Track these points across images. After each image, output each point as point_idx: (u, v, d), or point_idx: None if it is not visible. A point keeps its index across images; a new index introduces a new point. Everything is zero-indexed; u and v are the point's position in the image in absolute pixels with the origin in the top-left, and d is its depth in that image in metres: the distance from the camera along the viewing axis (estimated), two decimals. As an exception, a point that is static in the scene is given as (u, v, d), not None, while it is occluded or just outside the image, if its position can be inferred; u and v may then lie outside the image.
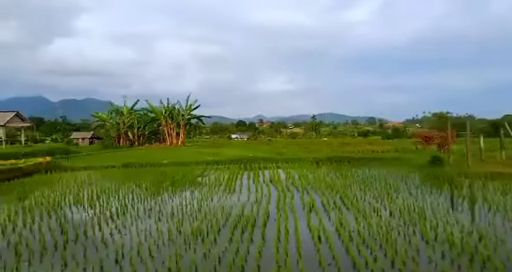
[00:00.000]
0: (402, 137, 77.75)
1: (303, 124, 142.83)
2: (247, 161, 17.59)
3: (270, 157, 19.36)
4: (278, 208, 7.88)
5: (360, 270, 4.37)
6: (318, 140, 60.75)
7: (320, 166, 16.41)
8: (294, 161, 17.70)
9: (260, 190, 10.42)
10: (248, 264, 4.72)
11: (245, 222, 6.74)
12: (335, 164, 16.86)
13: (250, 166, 16.68)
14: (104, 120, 43.92)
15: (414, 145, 32.65)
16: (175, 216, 7.67)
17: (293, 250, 5.11)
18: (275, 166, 16.60)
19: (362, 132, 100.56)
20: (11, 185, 12.82)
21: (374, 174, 13.05)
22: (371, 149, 29.26)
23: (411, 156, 17.67)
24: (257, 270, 4.53)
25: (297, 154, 22.55)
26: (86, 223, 7.31)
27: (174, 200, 9.52)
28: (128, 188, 11.49)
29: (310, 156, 18.67)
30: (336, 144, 38.61)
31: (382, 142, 46.50)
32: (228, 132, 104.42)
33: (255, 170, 15.44)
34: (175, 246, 5.64)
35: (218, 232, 6.34)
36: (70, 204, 9.27)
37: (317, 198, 8.74)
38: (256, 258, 4.82)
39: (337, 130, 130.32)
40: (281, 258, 4.80)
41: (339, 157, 17.80)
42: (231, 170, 15.61)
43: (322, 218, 6.83)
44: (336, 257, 4.79)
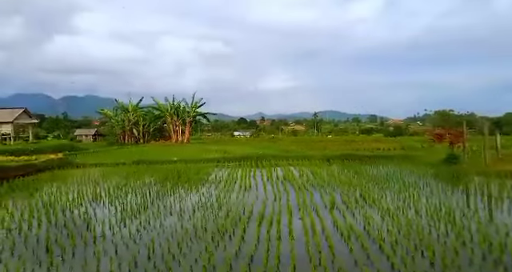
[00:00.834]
0: (405, 134, 77.65)
1: (304, 121, 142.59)
2: (257, 158, 17.64)
3: (279, 154, 19.40)
4: (299, 206, 7.91)
5: (401, 271, 4.33)
6: (322, 137, 60.73)
7: (331, 163, 16.42)
8: (304, 158, 17.72)
9: (276, 187, 10.45)
10: (282, 263, 4.69)
11: (269, 219, 6.77)
12: (346, 162, 16.82)
13: (260, 163, 16.71)
14: (109, 117, 44.07)
15: (420, 143, 32.68)
16: (197, 213, 7.71)
17: (325, 249, 5.11)
18: (286, 163, 16.60)
19: (366, 129, 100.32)
20: (28, 181, 12.87)
21: (389, 172, 13.03)
22: (377, 146, 29.25)
23: (423, 154, 17.66)
24: (293, 270, 4.48)
25: (304, 151, 22.58)
26: (110, 220, 7.39)
27: (191, 197, 9.57)
28: (143, 185, 11.56)
29: (320, 154, 18.68)
30: (341, 142, 38.59)
31: (387, 139, 46.41)
32: (229, 129, 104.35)
33: (267, 167, 15.46)
34: (204, 243, 5.66)
35: (244, 229, 6.37)
36: (90, 200, 9.34)
37: (337, 196, 8.76)
38: (291, 257, 4.79)
39: (338, 127, 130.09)
40: (314, 256, 4.79)
41: (349, 155, 17.81)
42: (242, 167, 15.65)
43: (347, 217, 6.84)
44: (371, 257, 4.77)
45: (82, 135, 56.01)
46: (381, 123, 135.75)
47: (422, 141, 36.39)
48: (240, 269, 4.56)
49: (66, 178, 13.66)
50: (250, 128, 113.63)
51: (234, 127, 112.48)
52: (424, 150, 21.36)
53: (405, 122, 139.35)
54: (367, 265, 4.54)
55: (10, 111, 34.43)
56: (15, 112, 34.41)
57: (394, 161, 16.20)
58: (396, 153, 20.02)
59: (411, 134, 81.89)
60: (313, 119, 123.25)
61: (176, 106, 41.23)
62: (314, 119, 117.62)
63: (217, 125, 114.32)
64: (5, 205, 8.93)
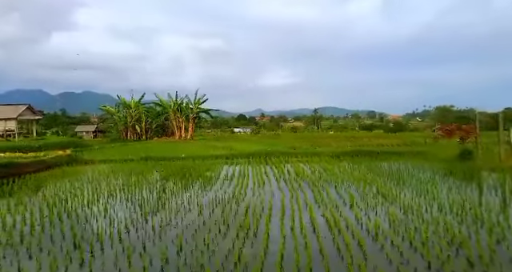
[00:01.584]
0: (405, 130, 77.77)
1: (304, 118, 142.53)
2: (265, 155, 17.65)
3: (287, 151, 19.41)
4: (318, 203, 7.92)
5: (439, 271, 4.30)
6: (324, 134, 60.77)
7: (341, 160, 16.44)
8: (312, 155, 17.75)
9: (291, 184, 10.45)
10: (314, 261, 4.62)
11: (291, 216, 6.76)
12: (356, 158, 16.73)
13: (269, 159, 16.70)
14: (111, 113, 43.88)
15: (421, 138, 32.76)
16: (216, 209, 7.73)
17: (355, 247, 5.07)
18: (295, 160, 16.57)
19: (367, 125, 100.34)
20: (40, 177, 12.81)
21: (402, 169, 12.99)
22: (380, 142, 29.33)
23: (433, 150, 17.63)
24: (327, 269, 4.46)
25: (310, 148, 22.61)
26: (131, 216, 7.41)
27: (207, 193, 9.59)
28: (156, 181, 11.57)
29: (328, 150, 18.71)
30: (343, 138, 38.66)
31: (388, 135, 46.57)
32: (229, 126, 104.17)
33: (276, 164, 15.45)
34: (230, 240, 5.67)
35: (267, 226, 6.32)
36: (106, 197, 9.33)
37: (354, 193, 8.76)
38: (323, 255, 4.79)
39: (337, 123, 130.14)
40: (345, 255, 4.78)
41: (358, 151, 17.86)
42: (252, 164, 15.66)
43: (370, 214, 6.84)
44: (404, 255, 4.73)
45: (83, 132, 55.79)
46: (380, 119, 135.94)
47: (423, 136, 36.60)
48: (273, 266, 4.54)
49: (78, 174, 13.63)
50: (250, 124, 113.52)
51: (234, 124, 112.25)
52: (431, 146, 21.38)
53: (404, 118, 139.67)
54: (403, 263, 4.49)
55: (13, 107, 34.14)
56: (19, 108, 34.14)
57: (403, 157, 16.21)
58: (404, 149, 20.00)
59: (411, 129, 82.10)
60: (312, 115, 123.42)
61: (179, 102, 41.10)
62: (314, 115, 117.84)
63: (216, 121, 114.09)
64: (22, 201, 8.93)
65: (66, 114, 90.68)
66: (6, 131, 32.17)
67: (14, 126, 32.71)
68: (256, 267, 4.53)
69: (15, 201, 8.99)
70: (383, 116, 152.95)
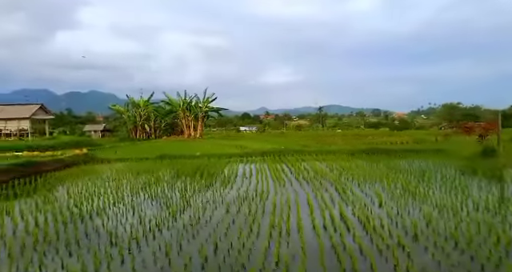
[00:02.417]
0: (411, 128, 77.12)
1: (308, 116, 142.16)
2: (279, 153, 17.59)
3: (300, 149, 19.34)
4: (345, 201, 7.87)
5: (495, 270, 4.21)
6: (331, 132, 60.47)
7: (356, 157, 16.32)
8: (327, 153, 17.66)
9: (312, 182, 10.39)
10: (359, 260, 4.58)
11: (322, 215, 6.71)
12: (371, 156, 16.55)
13: (284, 158, 16.62)
14: (121, 112, 44.20)
15: (429, 136, 32.47)
16: (243, 207, 7.66)
17: (397, 248, 4.93)
18: (310, 158, 16.48)
19: (373, 124, 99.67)
20: (61, 176, 12.87)
21: (423, 167, 12.83)
22: (389, 140, 29.15)
23: (452, 147, 17.38)
24: (373, 269, 4.39)
25: (322, 146, 22.53)
26: (159, 214, 7.43)
27: (229, 191, 9.57)
28: (176, 179, 11.58)
29: (342, 148, 18.60)
30: (351, 136, 38.45)
31: (396, 133, 46.22)
32: (233, 124, 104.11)
33: (292, 162, 15.37)
34: (265, 239, 5.61)
35: (300, 225, 6.26)
36: (130, 195, 9.36)
37: (380, 191, 8.66)
38: (368, 255, 4.75)
39: (342, 121, 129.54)
40: (390, 255, 4.68)
41: (372, 149, 17.73)
42: (268, 162, 15.60)
43: (403, 213, 6.71)
44: (452, 257, 4.60)
45: (91, 131, 56.18)
46: (385, 117, 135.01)
47: (433, 134, 36.26)
48: (316, 267, 4.45)
49: (97, 173, 13.74)
50: (255, 123, 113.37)
51: (239, 122, 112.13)
52: (449, 144, 21.06)
53: (409, 115, 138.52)
54: (454, 266, 4.38)
55: (27, 107, 34.57)
56: (32, 108, 34.55)
57: (421, 155, 16.05)
58: (418, 146, 19.77)
59: (417, 127, 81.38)
60: (317, 113, 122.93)
61: (188, 101, 41.20)
62: (319, 114, 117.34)
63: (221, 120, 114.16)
64: (49, 199, 9.03)
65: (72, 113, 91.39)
66: (19, 130, 32.69)
67: (28, 125, 33.23)
68: (299, 268, 4.44)
69: (42, 199, 9.09)
70: (388, 114, 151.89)
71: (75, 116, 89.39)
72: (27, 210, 8.10)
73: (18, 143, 23.55)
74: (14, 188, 10.53)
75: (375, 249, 5.00)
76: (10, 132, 33.26)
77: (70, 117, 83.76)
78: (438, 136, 30.76)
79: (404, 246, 5.00)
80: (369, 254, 4.73)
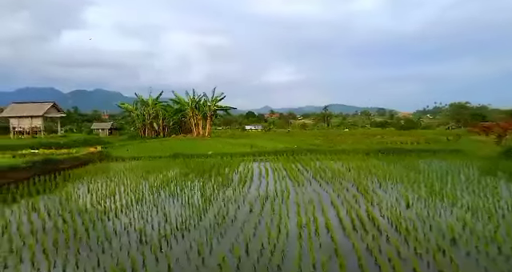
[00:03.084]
0: (417, 128, 76.35)
1: (312, 115, 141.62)
2: (293, 152, 17.51)
3: (313, 148, 19.21)
4: (369, 201, 7.80)
5: None
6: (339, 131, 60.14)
7: (370, 157, 16.15)
8: (340, 152, 17.53)
9: (331, 183, 10.31)
10: (404, 268, 4.43)
11: (349, 217, 6.62)
12: (386, 156, 16.28)
13: (298, 157, 16.49)
14: (130, 111, 44.49)
15: (437, 136, 32.13)
16: (266, 207, 7.58)
17: (437, 252, 4.81)
18: (324, 157, 16.32)
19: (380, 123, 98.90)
20: (80, 173, 12.89)
21: (442, 167, 12.62)
22: (399, 140, 28.90)
23: (469, 147, 17.11)
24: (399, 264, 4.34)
25: (332, 145, 22.38)
26: (183, 213, 7.42)
27: (248, 190, 9.55)
28: (194, 178, 11.55)
29: (355, 147, 18.43)
30: (360, 135, 38.21)
31: (404, 133, 45.82)
32: (238, 123, 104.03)
33: (306, 161, 15.26)
34: (295, 240, 5.56)
35: (328, 226, 6.19)
36: (151, 194, 9.36)
37: (404, 192, 8.53)
38: (406, 259, 4.67)
39: (346, 120, 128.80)
40: (430, 260, 4.59)
41: (387, 148, 17.55)
42: (282, 161, 15.50)
43: (434, 215, 6.56)
44: (499, 263, 4.49)
45: (99, 129, 56.63)
46: (390, 116, 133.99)
47: (443, 134, 35.91)
48: (361, 269, 4.37)
49: (113, 170, 13.80)
50: (259, 122, 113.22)
51: (243, 121, 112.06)
52: (467, 144, 20.74)
53: (414, 115, 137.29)
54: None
55: (39, 105, 34.98)
56: (45, 106, 34.96)
57: (438, 155, 15.83)
58: (433, 146, 19.46)
59: (423, 127, 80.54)
60: (322, 113, 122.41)
61: (197, 99, 41.27)
62: (324, 113, 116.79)
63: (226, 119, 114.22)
64: (72, 197, 9.08)
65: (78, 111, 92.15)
66: (32, 128, 33.12)
67: (40, 123, 33.65)
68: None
69: (65, 196, 9.14)
70: (393, 113, 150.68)
71: (81, 114, 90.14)
72: (52, 206, 8.17)
73: (33, 141, 23.81)
74: (35, 185, 10.64)
75: (412, 252, 4.89)
76: (23, 130, 33.74)
77: (77, 115, 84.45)
78: (449, 136, 30.48)
79: (444, 250, 4.87)
80: (408, 258, 4.62)
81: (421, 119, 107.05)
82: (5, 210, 7.92)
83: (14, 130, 34.65)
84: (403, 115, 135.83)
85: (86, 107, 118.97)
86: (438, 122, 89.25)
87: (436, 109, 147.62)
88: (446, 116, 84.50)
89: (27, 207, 8.15)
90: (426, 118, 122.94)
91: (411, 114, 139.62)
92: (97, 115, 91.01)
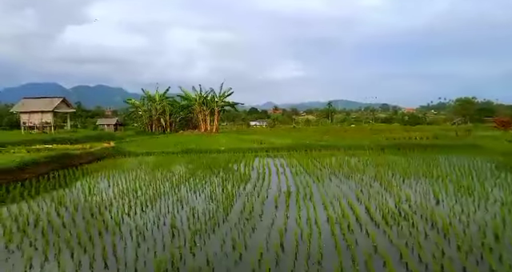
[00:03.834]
0: (423, 123, 75.88)
1: (316, 111, 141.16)
2: (306, 148, 17.44)
3: (325, 144, 19.07)
4: (395, 197, 7.69)
5: None
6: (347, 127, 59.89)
7: (387, 153, 15.97)
8: (354, 148, 17.44)
9: (351, 178, 10.22)
10: (446, 261, 4.36)
11: (381, 213, 6.51)
12: (402, 151, 16.12)
13: (312, 153, 16.35)
14: (137, 106, 44.59)
15: (444, 131, 31.93)
16: (291, 204, 7.46)
17: (485, 252, 4.64)
18: (340, 153, 16.15)
19: (385, 119, 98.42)
20: (96, 168, 12.89)
21: (462, 162, 12.43)
22: (409, 135, 28.68)
23: (483, 142, 16.91)
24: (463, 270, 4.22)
25: (342, 141, 22.27)
26: (208, 208, 7.35)
27: (270, 185, 9.47)
28: (207, 173, 11.55)
29: (367, 143, 18.31)
30: (368, 131, 38.00)
31: (413, 128, 45.55)
32: (242, 119, 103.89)
33: (321, 157, 15.13)
34: (330, 237, 5.47)
35: (361, 222, 6.15)
36: (172, 189, 9.35)
37: (430, 188, 8.43)
38: (453, 259, 4.61)
39: (350, 116, 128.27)
40: (477, 257, 4.49)
41: (401, 144, 17.44)
42: (296, 157, 15.41)
43: (468, 212, 6.42)
44: None
45: (104, 124, 56.83)
46: (394, 112, 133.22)
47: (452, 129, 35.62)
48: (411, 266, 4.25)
49: (129, 165, 13.81)
50: (262, 117, 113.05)
51: (247, 117, 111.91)
52: (480, 139, 20.48)
53: (418, 110, 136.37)
54: None
55: (49, 100, 35.08)
56: (55, 101, 35.07)
57: (454, 150, 15.67)
58: (448, 142, 19.16)
59: (428, 122, 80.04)
60: (326, 108, 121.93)
61: (204, 95, 41.20)
62: (328, 109, 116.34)
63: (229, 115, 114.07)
64: (93, 191, 9.12)
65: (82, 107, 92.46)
66: (42, 123, 33.31)
67: (51, 118, 33.80)
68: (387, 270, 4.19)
69: (87, 190, 9.16)
70: (397, 109, 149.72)
71: (85, 110, 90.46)
72: (77, 200, 8.20)
73: (44, 136, 23.90)
74: (54, 179, 10.69)
75: (455, 249, 4.78)
76: (34, 125, 33.94)
77: (80, 110, 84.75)
78: (459, 131, 30.28)
79: (491, 247, 4.74)
80: (454, 256, 4.51)
81: (426, 115, 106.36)
82: (32, 203, 7.97)
83: (24, 125, 34.82)
84: (407, 111, 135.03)
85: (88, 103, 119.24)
86: (444, 118, 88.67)
87: (440, 104, 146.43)
88: (452, 111, 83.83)
89: (53, 200, 8.20)
90: (431, 113, 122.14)
91: (415, 110, 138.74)
92: (100, 111, 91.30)
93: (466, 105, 74.41)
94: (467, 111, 72.58)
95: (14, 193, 8.81)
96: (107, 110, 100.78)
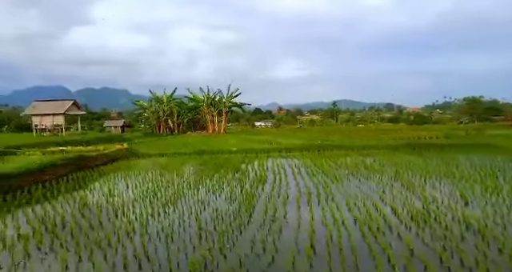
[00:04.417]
0: (429, 122, 75.21)
1: (320, 111, 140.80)
2: (318, 148, 17.34)
3: (337, 144, 18.96)
4: (419, 198, 7.57)
5: None
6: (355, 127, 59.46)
7: (402, 152, 15.75)
8: (368, 148, 17.29)
9: (370, 178, 10.10)
10: (492, 267, 4.29)
11: (410, 215, 6.38)
12: (418, 151, 15.84)
13: (325, 153, 16.22)
14: (145, 108, 44.87)
15: (464, 130, 31.60)
16: (314, 204, 7.40)
17: None
18: (354, 153, 15.97)
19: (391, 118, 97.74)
20: (112, 169, 12.89)
21: (482, 162, 12.24)
22: (418, 135, 28.45)
23: (498, 141, 16.66)
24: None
25: (353, 141, 22.12)
26: (231, 208, 7.33)
27: (288, 186, 9.36)
28: (223, 174, 11.51)
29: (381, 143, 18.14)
30: (377, 131, 37.77)
31: (422, 127, 45.16)
32: (246, 119, 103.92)
33: (335, 157, 15.01)
34: (361, 238, 5.43)
35: (387, 220, 6.09)
36: (192, 189, 9.35)
37: (455, 188, 8.27)
38: (494, 260, 4.52)
39: (354, 116, 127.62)
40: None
41: (414, 143, 17.25)
42: (309, 157, 15.27)
43: (504, 213, 6.28)
44: None
45: (111, 126, 57.34)
46: (399, 112, 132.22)
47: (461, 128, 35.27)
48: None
49: (144, 167, 13.83)
50: (267, 118, 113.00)
51: (251, 118, 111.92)
52: (484, 137, 20.27)
53: (423, 110, 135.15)
54: None
55: (61, 103, 35.61)
56: (66, 103, 35.57)
57: (469, 149, 15.44)
58: (463, 141, 18.78)
59: (434, 122, 79.29)
60: (330, 108, 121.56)
61: (212, 96, 41.31)
62: (333, 108, 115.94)
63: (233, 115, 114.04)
64: (118, 194, 9.13)
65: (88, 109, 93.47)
66: (54, 126, 33.75)
67: (62, 120, 34.25)
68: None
69: (108, 191, 9.18)
70: (402, 108, 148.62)
71: (91, 112, 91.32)
72: (100, 201, 8.21)
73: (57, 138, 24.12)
74: (73, 180, 10.76)
75: (496, 253, 4.63)
76: (45, 127, 34.36)
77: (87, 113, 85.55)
78: (469, 130, 29.96)
79: None
80: (497, 260, 4.37)
81: (431, 114, 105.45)
82: (55, 204, 8.02)
83: (36, 127, 35.27)
84: (412, 110, 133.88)
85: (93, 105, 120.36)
86: (450, 117, 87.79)
87: (446, 103, 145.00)
88: (459, 110, 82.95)
89: (75, 201, 8.23)
90: (436, 112, 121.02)
91: (420, 109, 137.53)
92: (105, 113, 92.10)
93: (474, 104, 73.67)
94: (474, 110, 71.84)
95: (37, 194, 8.88)
96: (112, 111, 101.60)
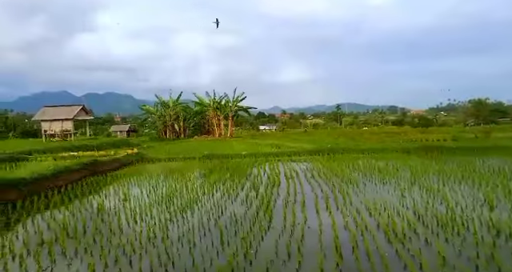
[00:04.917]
0: (434, 125, 74.64)
1: (323, 114, 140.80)
2: (328, 152, 17.26)
3: (350, 147, 18.76)
4: (441, 201, 7.45)
5: None
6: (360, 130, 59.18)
7: (415, 156, 15.58)
8: (378, 151, 17.14)
9: (388, 182, 9.97)
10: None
11: (435, 219, 6.26)
12: (430, 154, 15.63)
13: (335, 156, 16.12)
14: (151, 113, 45.18)
15: (473, 133, 31.33)
16: (332, 209, 7.35)
17: None
18: (365, 156, 15.85)
19: (396, 121, 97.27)
20: (125, 174, 12.89)
21: (499, 165, 11.98)
22: (425, 137, 28.27)
23: (510, 143, 16.48)
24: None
25: (361, 144, 21.99)
26: (248, 212, 7.27)
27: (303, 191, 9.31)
28: (236, 178, 11.43)
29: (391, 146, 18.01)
30: (382, 133, 37.56)
31: (428, 130, 44.81)
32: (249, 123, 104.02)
33: (346, 160, 14.88)
34: (386, 243, 5.33)
35: (411, 225, 5.96)
36: (206, 194, 9.29)
37: (477, 192, 8.13)
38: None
39: (358, 119, 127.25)
40: None
41: (425, 146, 17.10)
42: (320, 160, 15.17)
43: None
44: None
45: (117, 131, 57.75)
46: (403, 114, 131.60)
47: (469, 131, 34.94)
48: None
49: (156, 171, 13.81)
50: (270, 122, 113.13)
51: (254, 121, 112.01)
52: (492, 140, 20.11)
53: (428, 112, 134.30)
54: None
55: (70, 108, 36.06)
56: (75, 109, 35.98)
57: (483, 152, 15.21)
58: (476, 144, 18.48)
59: (439, 124, 78.64)
60: (334, 112, 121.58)
61: (218, 100, 41.54)
62: (337, 112, 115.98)
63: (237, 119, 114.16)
64: (134, 199, 9.12)
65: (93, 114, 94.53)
66: (63, 131, 34.06)
67: (71, 126, 34.59)
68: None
69: (123, 196, 9.19)
70: (406, 111, 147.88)
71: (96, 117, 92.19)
72: (116, 206, 8.19)
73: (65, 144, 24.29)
74: (87, 185, 10.79)
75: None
76: (55, 133, 34.69)
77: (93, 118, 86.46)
78: (479, 133, 29.69)
79: None
80: None
81: (436, 116, 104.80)
82: (73, 209, 8.02)
83: (45, 133, 35.56)
84: (416, 113, 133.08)
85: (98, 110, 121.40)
86: (455, 120, 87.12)
87: (450, 106, 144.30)
88: (464, 113, 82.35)
89: (92, 206, 8.24)
90: (441, 115, 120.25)
91: (424, 112, 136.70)
92: (110, 118, 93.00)
93: (479, 106, 73.12)
94: (480, 112, 71.24)
95: (54, 199, 8.90)
96: (116, 116, 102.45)
